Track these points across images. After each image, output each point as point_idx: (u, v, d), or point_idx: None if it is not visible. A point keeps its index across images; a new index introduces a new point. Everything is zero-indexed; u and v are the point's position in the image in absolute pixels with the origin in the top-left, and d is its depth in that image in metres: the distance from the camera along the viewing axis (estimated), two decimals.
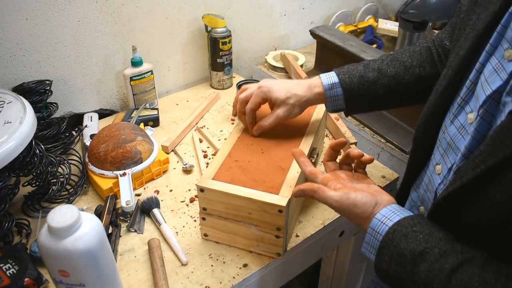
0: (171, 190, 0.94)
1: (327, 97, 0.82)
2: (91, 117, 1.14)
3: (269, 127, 0.84)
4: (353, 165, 0.71)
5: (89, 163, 0.93)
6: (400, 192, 0.77)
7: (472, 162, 0.51)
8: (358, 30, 1.66)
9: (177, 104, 1.26)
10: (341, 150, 0.75)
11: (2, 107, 0.80)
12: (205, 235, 0.81)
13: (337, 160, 0.72)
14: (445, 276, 0.50)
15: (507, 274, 0.48)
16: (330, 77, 0.81)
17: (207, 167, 0.98)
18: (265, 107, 0.88)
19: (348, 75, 0.80)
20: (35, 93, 0.99)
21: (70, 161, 0.94)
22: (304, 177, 0.83)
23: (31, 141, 0.79)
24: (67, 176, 0.90)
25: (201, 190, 0.74)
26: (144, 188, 0.95)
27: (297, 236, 0.83)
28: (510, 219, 0.47)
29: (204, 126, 1.16)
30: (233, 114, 0.88)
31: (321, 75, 0.82)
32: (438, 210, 0.57)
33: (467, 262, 0.50)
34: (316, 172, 0.68)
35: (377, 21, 1.67)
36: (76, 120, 1.15)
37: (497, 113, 0.52)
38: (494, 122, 0.52)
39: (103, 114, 1.21)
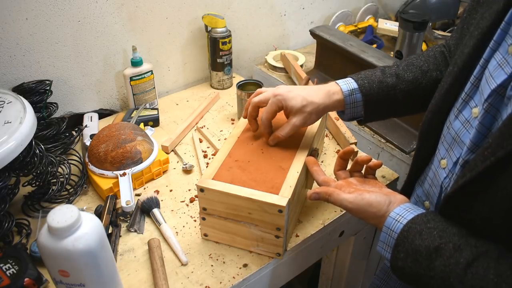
0: (171, 190, 0.94)
1: (346, 103, 0.78)
2: (91, 117, 1.14)
3: (286, 136, 0.80)
4: (362, 172, 0.73)
5: (89, 163, 0.93)
6: (403, 189, 0.79)
7: (481, 155, 0.51)
8: (358, 30, 1.66)
9: (177, 104, 1.26)
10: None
11: (2, 107, 0.80)
12: (205, 235, 0.81)
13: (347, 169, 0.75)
14: (461, 270, 0.51)
15: None
16: (348, 83, 0.78)
17: (207, 167, 0.98)
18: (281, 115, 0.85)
19: (367, 80, 0.78)
20: (35, 93, 0.99)
21: (70, 161, 0.94)
22: (305, 178, 0.83)
23: (31, 141, 0.79)
24: (67, 176, 0.90)
25: (201, 190, 0.74)
26: (144, 188, 0.95)
27: (297, 236, 0.83)
28: None
29: (204, 126, 1.16)
30: (243, 117, 0.85)
31: (338, 81, 0.79)
32: (448, 204, 0.58)
33: (481, 255, 0.51)
34: (329, 180, 0.70)
35: (377, 21, 1.67)
36: (76, 120, 1.15)
37: (502, 107, 0.53)
38: (498, 115, 0.54)
39: (103, 114, 1.21)
